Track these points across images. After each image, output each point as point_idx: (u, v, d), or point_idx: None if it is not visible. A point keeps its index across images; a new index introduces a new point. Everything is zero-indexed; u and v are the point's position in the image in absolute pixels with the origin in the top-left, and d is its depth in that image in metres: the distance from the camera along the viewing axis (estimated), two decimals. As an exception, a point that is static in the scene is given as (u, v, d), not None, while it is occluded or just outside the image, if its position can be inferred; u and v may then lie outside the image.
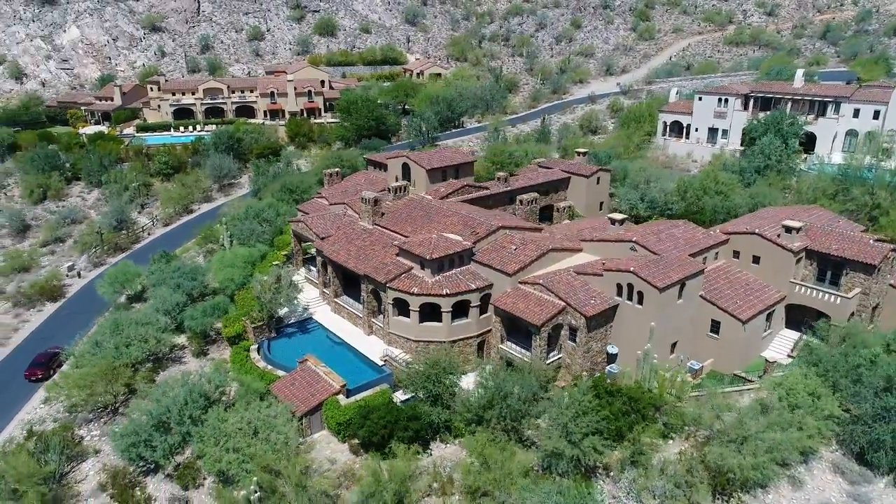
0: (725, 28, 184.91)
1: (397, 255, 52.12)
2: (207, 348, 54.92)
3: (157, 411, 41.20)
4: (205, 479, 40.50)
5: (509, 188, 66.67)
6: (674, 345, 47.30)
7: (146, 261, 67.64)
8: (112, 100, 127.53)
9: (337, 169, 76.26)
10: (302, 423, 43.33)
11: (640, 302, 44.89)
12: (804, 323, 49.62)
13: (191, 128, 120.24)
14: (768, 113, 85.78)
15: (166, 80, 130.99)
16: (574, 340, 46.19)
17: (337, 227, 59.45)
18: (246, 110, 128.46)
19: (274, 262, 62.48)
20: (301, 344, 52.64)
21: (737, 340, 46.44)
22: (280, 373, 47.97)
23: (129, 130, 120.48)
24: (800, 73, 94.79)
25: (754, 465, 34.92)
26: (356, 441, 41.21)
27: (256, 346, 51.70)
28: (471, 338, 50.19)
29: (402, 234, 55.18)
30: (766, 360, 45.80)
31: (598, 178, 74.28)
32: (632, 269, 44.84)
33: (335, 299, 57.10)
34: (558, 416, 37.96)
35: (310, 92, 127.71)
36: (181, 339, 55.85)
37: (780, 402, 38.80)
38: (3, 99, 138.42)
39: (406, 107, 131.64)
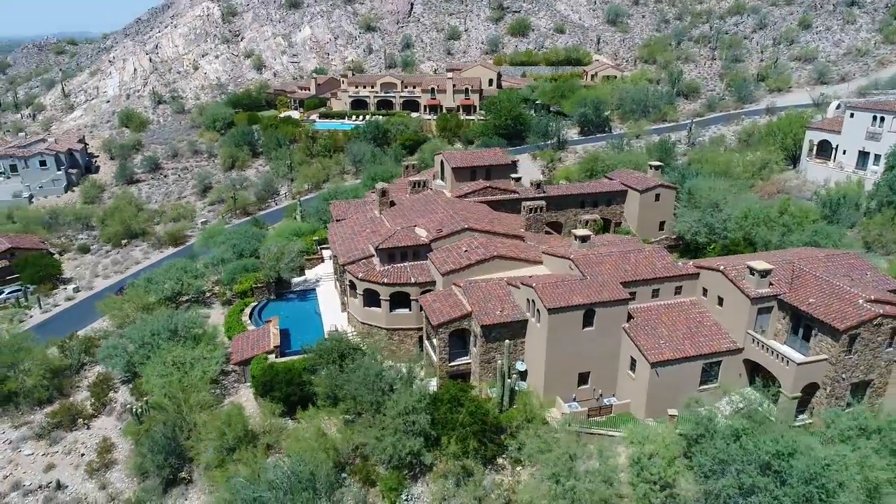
0: None
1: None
2: (234, 299, 65.30)
3: (134, 334, 52.08)
4: (149, 394, 50.24)
5: (525, 195, 65.27)
6: (584, 375, 43.89)
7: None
8: (309, 89, 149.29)
9: (415, 162, 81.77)
10: (237, 372, 50.78)
11: (540, 321, 42.85)
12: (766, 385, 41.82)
13: (360, 117, 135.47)
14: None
15: (353, 74, 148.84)
16: (476, 347, 45.84)
17: (354, 212, 65.23)
18: (411, 104, 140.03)
19: (314, 238, 70.86)
20: (291, 309, 59.97)
21: (653, 384, 41.43)
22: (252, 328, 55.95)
23: (314, 117, 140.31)
24: None
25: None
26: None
27: (253, 305, 60.18)
28: (410, 329, 52.27)
29: (391, 224, 58.87)
30: (671, 414, 40.09)
31: (657, 195, 68.17)
32: (533, 284, 42.98)
33: (335, 276, 63.22)
34: (391, 407, 39.36)
35: (467, 90, 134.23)
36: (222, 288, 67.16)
37: (637, 461, 34.87)
38: (245, 85, 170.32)
39: (557, 109, 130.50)
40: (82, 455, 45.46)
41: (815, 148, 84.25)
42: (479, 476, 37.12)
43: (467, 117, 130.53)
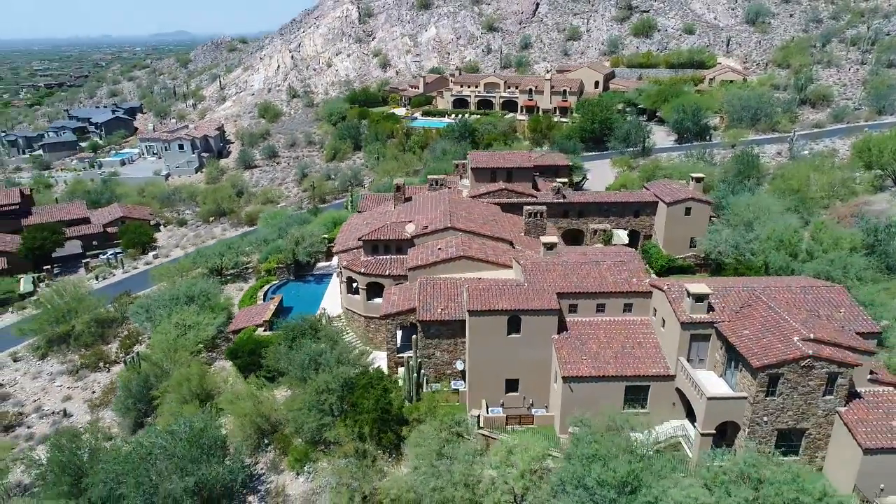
0: None
1: (369, 234, 59.37)
2: (271, 277, 72.01)
3: (159, 296, 60.17)
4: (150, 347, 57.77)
5: (543, 199, 64.37)
6: (513, 382, 43.59)
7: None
8: (418, 88, 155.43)
9: (463, 161, 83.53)
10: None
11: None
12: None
13: (458, 116, 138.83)
14: None
15: (460, 74, 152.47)
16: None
17: (376, 205, 68.80)
18: (511, 104, 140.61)
19: (347, 227, 75.51)
20: (305, 290, 65.23)
21: (567, 399, 40.30)
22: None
23: (417, 114, 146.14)
24: None
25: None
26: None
27: (273, 284, 66.08)
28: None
29: (396, 218, 61.63)
30: (570, 431, 38.63)
31: (687, 209, 63.89)
32: (466, 286, 43.55)
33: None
34: (310, 385, 42.51)
35: (565, 91, 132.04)
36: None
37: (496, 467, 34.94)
38: (369, 82, 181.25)
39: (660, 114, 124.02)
40: (93, 392, 53.95)
41: (919, 170, 73.02)
42: (369, 461, 38.89)
43: (561, 119, 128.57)
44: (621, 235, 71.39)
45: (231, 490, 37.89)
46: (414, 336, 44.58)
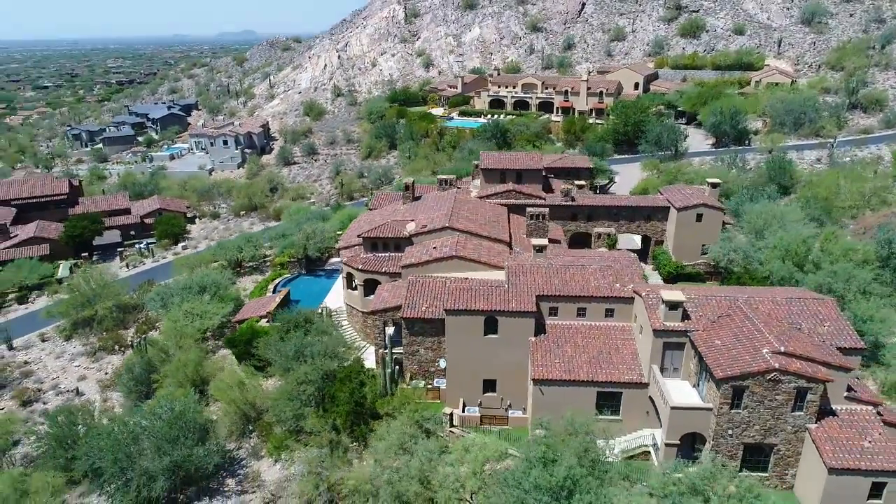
0: None
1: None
2: (284, 271, 74.29)
3: (177, 285, 63.06)
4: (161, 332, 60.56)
5: (552, 202, 63.99)
6: (490, 382, 43.80)
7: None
8: (456, 88, 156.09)
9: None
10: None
11: (449, 321, 43.82)
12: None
13: (494, 116, 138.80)
14: None
15: (499, 74, 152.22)
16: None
17: (387, 203, 69.91)
18: (547, 105, 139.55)
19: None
20: (314, 284, 67.06)
21: (537, 402, 40.27)
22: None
23: (454, 114, 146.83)
24: None
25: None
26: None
27: (285, 277, 68.15)
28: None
29: (403, 216, 62.62)
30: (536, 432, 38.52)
31: (699, 215, 62.27)
32: (448, 285, 44.02)
33: (355, 260, 68.71)
34: (291, 376, 43.95)
35: (601, 93, 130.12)
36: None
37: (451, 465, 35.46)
38: (412, 82, 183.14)
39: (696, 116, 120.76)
40: (106, 374, 57.10)
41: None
42: (340, 451, 39.94)
43: (596, 121, 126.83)
44: (636, 240, 70.35)
45: (206, 472, 39.62)
46: (389, 332, 45.38)
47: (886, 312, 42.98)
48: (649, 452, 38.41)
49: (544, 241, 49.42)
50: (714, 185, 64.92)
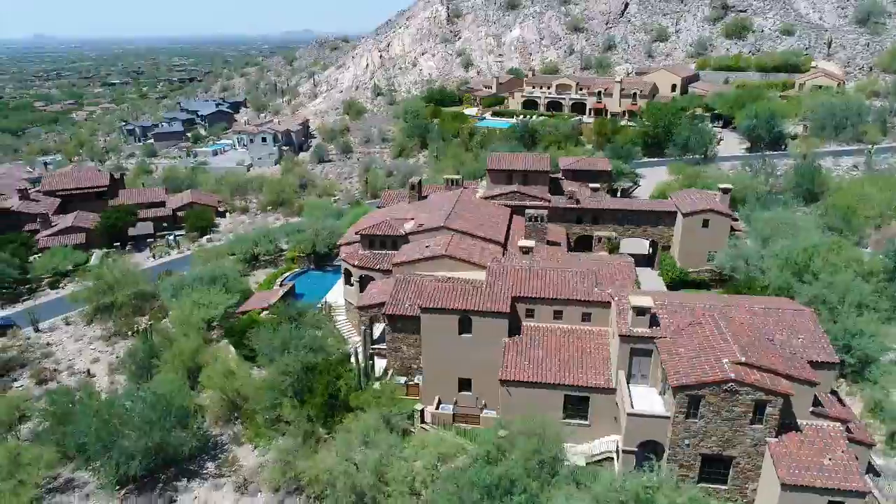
0: None
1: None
2: (294, 266, 76.27)
3: (190, 276, 65.80)
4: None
5: (556, 204, 63.63)
6: (465, 381, 44.15)
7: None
8: (491, 88, 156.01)
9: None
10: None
11: (426, 319, 44.41)
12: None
13: (527, 116, 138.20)
14: None
15: (533, 74, 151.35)
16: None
17: (395, 201, 70.93)
18: (580, 106, 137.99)
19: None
20: (321, 279, 68.81)
21: (504, 402, 40.40)
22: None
23: (487, 114, 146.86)
24: None
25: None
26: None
27: (295, 271, 70.12)
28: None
29: (406, 214, 63.55)
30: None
31: (705, 221, 60.78)
32: (425, 284, 44.62)
33: (366, 256, 69.98)
34: (273, 366, 45.44)
35: (635, 94, 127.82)
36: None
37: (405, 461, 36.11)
38: (451, 82, 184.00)
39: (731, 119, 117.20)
40: (117, 357, 60.09)
41: None
42: (312, 441, 41.14)
43: (629, 123, 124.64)
44: (645, 245, 69.24)
45: (185, 454, 41.47)
46: (364, 328, 46.28)
47: (880, 327, 41.12)
48: (612, 459, 38.06)
49: (531, 243, 49.42)
50: (725, 191, 63.21)
